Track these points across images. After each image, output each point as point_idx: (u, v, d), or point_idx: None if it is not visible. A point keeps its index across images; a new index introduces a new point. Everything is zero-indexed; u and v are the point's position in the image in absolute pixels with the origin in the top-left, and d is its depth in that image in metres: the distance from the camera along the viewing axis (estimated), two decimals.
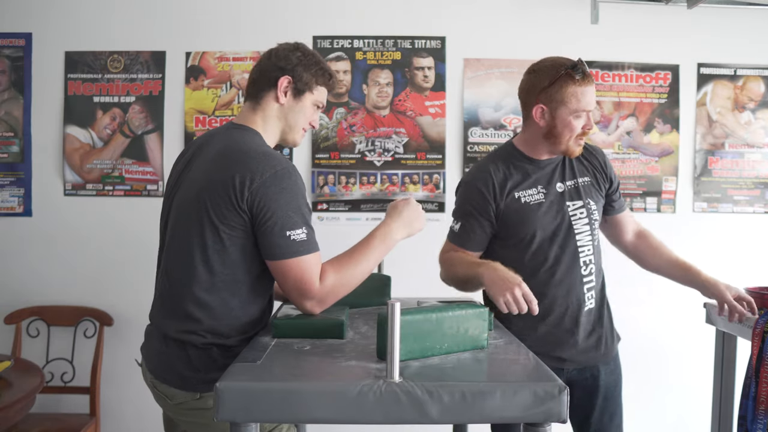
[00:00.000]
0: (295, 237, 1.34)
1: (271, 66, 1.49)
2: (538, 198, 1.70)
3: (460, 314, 1.24)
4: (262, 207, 1.34)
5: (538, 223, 1.69)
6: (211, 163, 1.42)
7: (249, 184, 1.33)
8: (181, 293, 1.41)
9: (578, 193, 1.73)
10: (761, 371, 1.84)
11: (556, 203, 1.71)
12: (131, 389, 2.81)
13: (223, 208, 1.35)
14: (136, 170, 2.87)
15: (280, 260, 1.35)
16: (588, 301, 1.74)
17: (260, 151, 1.40)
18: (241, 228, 1.36)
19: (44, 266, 2.85)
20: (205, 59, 2.86)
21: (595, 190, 1.76)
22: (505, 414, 1.03)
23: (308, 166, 2.89)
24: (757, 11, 2.92)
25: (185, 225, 1.41)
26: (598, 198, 1.77)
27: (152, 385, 1.48)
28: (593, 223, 1.73)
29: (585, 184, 1.75)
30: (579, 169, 1.76)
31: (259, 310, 1.46)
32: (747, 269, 2.85)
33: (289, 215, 1.34)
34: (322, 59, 1.54)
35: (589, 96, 1.63)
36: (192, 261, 1.39)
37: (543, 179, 1.72)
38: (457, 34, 2.89)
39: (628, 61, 2.92)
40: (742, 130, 2.96)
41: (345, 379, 1.07)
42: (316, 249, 1.38)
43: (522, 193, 1.70)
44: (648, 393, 2.91)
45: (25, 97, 2.86)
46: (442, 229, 2.88)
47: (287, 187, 1.35)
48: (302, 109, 1.51)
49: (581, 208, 1.72)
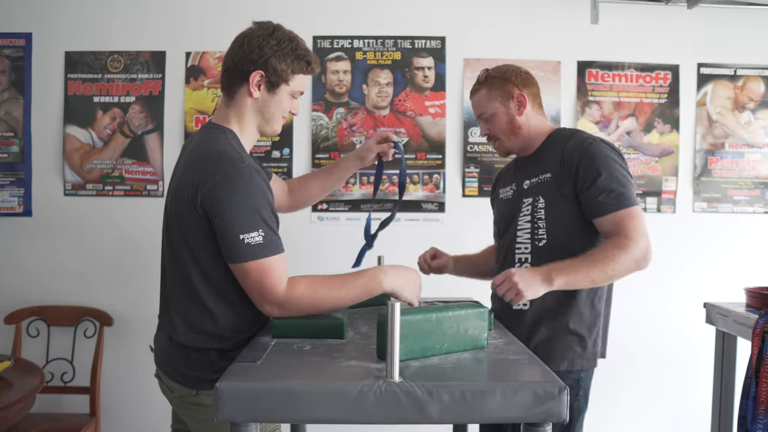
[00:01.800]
0: (249, 240, 1.30)
1: (243, 58, 1.42)
2: (506, 195, 1.81)
3: (460, 314, 1.24)
4: (213, 210, 1.31)
5: (498, 217, 1.86)
6: (181, 168, 1.43)
7: (201, 186, 1.31)
8: (175, 297, 1.44)
9: (532, 189, 1.69)
10: (761, 371, 1.84)
11: (513, 199, 1.76)
12: (131, 389, 2.82)
13: (187, 215, 1.35)
14: (136, 170, 2.87)
15: (236, 263, 1.32)
16: (518, 303, 1.58)
17: (217, 152, 1.36)
18: (204, 233, 1.34)
19: (44, 266, 2.85)
20: (205, 59, 2.86)
21: (554, 186, 1.64)
22: (505, 414, 1.03)
23: (308, 166, 2.89)
24: (757, 11, 2.92)
25: (173, 231, 1.43)
26: (557, 195, 1.63)
27: (158, 376, 1.52)
28: (537, 221, 1.65)
29: (544, 180, 1.67)
30: (547, 164, 1.68)
31: (251, 312, 1.43)
32: (747, 269, 2.85)
33: (241, 218, 1.30)
34: (300, 44, 1.46)
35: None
36: (181, 266, 1.40)
37: (517, 176, 1.79)
38: (457, 34, 2.89)
39: (628, 61, 2.92)
40: (742, 130, 2.96)
41: (345, 379, 1.07)
42: (276, 252, 1.33)
43: (501, 189, 1.85)
44: (648, 393, 2.91)
45: (25, 97, 2.86)
46: (442, 229, 2.91)
47: (240, 189, 1.31)
48: (278, 102, 1.46)
49: (528, 204, 1.69)
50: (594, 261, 1.53)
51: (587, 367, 1.65)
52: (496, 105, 1.72)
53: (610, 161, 1.59)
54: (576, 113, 2.90)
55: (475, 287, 2.05)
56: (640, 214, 1.58)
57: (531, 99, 1.74)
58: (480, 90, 1.75)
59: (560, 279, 1.51)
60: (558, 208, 1.64)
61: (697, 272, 2.91)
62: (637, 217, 1.56)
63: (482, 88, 1.75)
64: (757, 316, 1.88)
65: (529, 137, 1.74)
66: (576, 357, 1.63)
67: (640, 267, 1.55)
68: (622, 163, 1.62)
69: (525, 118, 1.73)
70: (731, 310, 2.07)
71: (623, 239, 1.53)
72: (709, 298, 2.30)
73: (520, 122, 1.72)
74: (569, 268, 1.52)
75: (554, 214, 1.64)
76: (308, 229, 2.87)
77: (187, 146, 1.51)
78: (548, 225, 1.64)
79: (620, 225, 1.56)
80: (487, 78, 1.74)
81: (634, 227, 1.54)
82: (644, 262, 1.55)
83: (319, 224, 2.89)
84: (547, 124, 1.78)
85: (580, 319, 1.64)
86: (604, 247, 1.56)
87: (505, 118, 1.72)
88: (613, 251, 1.53)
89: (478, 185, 2.89)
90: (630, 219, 1.56)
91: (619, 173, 1.59)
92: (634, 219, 1.56)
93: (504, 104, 1.72)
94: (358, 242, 1.85)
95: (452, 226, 2.86)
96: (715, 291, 2.56)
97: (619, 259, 1.52)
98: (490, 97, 1.73)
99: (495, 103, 1.72)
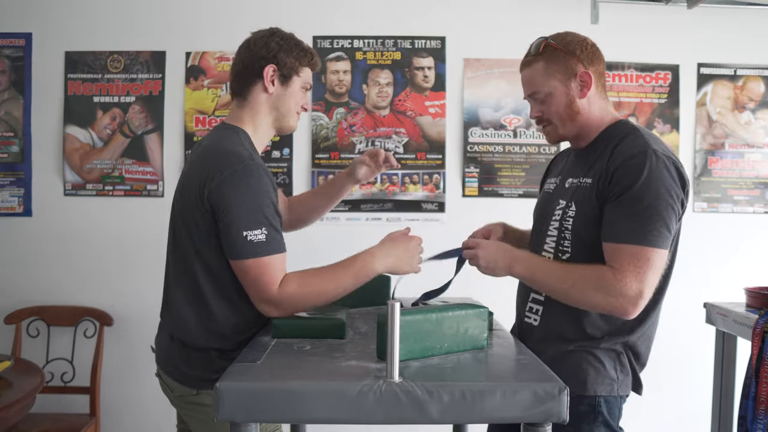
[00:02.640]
0: (252, 238, 1.32)
1: (253, 56, 1.47)
2: (548, 188, 1.57)
3: (460, 314, 1.24)
4: (219, 205, 1.32)
5: (535, 210, 1.61)
6: (190, 166, 1.45)
7: (209, 182, 1.33)
8: (178, 295, 1.44)
9: (570, 191, 1.45)
10: (761, 371, 1.84)
11: (552, 196, 1.52)
12: (131, 389, 2.82)
13: (194, 211, 1.37)
14: (136, 170, 2.87)
15: (237, 260, 1.34)
16: (529, 314, 1.49)
17: (226, 150, 1.38)
18: (210, 229, 1.36)
19: (44, 266, 2.85)
20: (205, 59, 2.86)
21: (589, 196, 1.39)
22: (505, 414, 1.03)
23: (308, 166, 2.89)
24: (757, 11, 2.92)
25: (179, 228, 1.44)
26: (589, 208, 1.38)
27: (159, 375, 1.52)
28: (564, 231, 1.42)
29: (583, 185, 1.41)
30: (593, 166, 1.42)
31: (252, 311, 1.44)
32: (747, 269, 2.85)
33: (246, 215, 1.32)
34: (300, 40, 1.52)
35: None
36: (185, 264, 1.41)
37: (567, 168, 1.54)
38: (457, 34, 2.89)
39: (628, 61, 2.92)
40: (742, 130, 2.96)
41: (345, 379, 1.07)
42: (277, 251, 1.35)
43: (549, 179, 1.62)
44: (648, 393, 2.90)
45: (25, 97, 2.86)
46: (442, 229, 2.91)
47: (247, 186, 1.33)
48: (292, 94, 1.50)
49: (560, 209, 1.45)
50: (565, 278, 1.34)
51: (607, 393, 1.39)
52: (555, 83, 1.42)
53: (651, 182, 1.29)
54: None
55: (475, 287, 2.05)
56: (654, 260, 1.28)
57: (596, 78, 1.43)
58: (535, 63, 1.44)
59: (520, 273, 1.41)
60: (588, 222, 1.38)
61: (697, 272, 2.90)
62: (645, 259, 1.28)
63: (539, 60, 1.43)
64: (757, 316, 1.88)
65: (587, 125, 1.45)
66: (590, 379, 1.38)
67: (616, 314, 1.32)
68: (673, 188, 1.30)
69: (586, 102, 1.43)
70: (731, 310, 2.07)
71: (610, 274, 1.29)
72: (709, 298, 2.30)
73: (581, 106, 1.43)
74: (536, 269, 1.39)
75: (583, 228, 1.39)
76: (308, 229, 2.85)
77: (199, 145, 1.52)
78: (574, 239, 1.40)
79: (619, 259, 1.29)
80: (546, 48, 1.43)
81: (633, 270, 1.28)
82: (624, 312, 1.30)
83: (319, 224, 2.87)
84: (610, 113, 1.48)
85: (595, 335, 1.39)
86: (587, 272, 1.32)
87: (564, 100, 1.43)
88: (588, 278, 1.31)
89: (478, 185, 2.89)
90: (634, 258, 1.28)
91: (655, 199, 1.29)
92: (640, 261, 1.28)
93: (564, 83, 1.42)
94: (358, 242, 1.84)
95: (452, 226, 2.86)
96: (715, 291, 2.56)
97: (588, 290, 1.31)
98: (547, 73, 1.42)
99: (553, 80, 1.42)
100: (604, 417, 1.40)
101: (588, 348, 1.40)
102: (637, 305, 1.30)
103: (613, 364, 1.40)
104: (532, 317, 1.48)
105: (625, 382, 1.42)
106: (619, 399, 1.42)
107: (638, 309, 1.31)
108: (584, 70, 1.42)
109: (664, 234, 1.29)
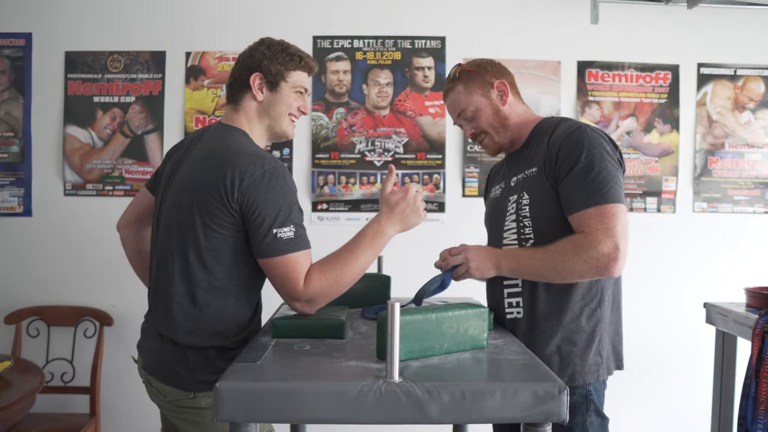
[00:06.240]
0: (281, 235, 1.35)
1: (241, 68, 1.53)
2: (495, 194, 1.69)
3: (459, 314, 1.24)
4: (251, 205, 1.35)
5: (486, 218, 1.73)
6: (200, 163, 1.43)
7: (239, 183, 1.35)
8: (176, 293, 1.42)
9: (518, 185, 1.54)
10: (761, 371, 1.84)
11: (501, 198, 1.62)
12: (131, 389, 2.81)
13: (214, 208, 1.37)
14: (136, 170, 2.87)
15: (267, 258, 1.37)
16: (510, 309, 1.53)
17: (250, 151, 1.42)
18: (232, 227, 1.37)
19: (44, 266, 2.86)
20: (205, 59, 2.86)
21: (539, 181, 1.48)
22: (505, 414, 1.03)
23: (308, 166, 2.89)
24: (757, 11, 2.92)
25: (178, 224, 1.42)
26: (542, 191, 1.47)
27: (146, 381, 1.49)
28: (522, 220, 1.49)
29: (530, 175, 1.51)
30: (534, 158, 1.53)
31: (252, 309, 1.47)
32: (747, 269, 2.86)
33: (276, 213, 1.36)
34: (289, 45, 1.55)
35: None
36: (186, 260, 1.40)
37: (506, 173, 1.65)
38: (457, 34, 2.89)
39: (628, 61, 2.92)
40: (742, 130, 2.96)
41: (345, 379, 1.07)
42: (304, 247, 1.39)
43: (492, 189, 1.74)
44: (648, 393, 2.91)
45: (25, 97, 2.86)
46: (442, 229, 2.91)
47: (276, 186, 1.37)
48: (282, 99, 1.52)
49: (513, 202, 1.53)
50: (546, 257, 1.40)
51: (592, 380, 1.46)
52: (477, 98, 1.59)
53: (593, 150, 1.40)
54: (576, 113, 2.90)
55: (475, 287, 2.05)
56: (618, 213, 1.37)
57: (511, 87, 1.61)
58: (456, 87, 1.61)
59: (508, 267, 1.47)
60: (544, 204, 1.46)
61: (697, 272, 2.91)
62: (609, 215, 1.36)
63: (458, 84, 1.61)
64: (757, 316, 1.88)
65: (517, 129, 1.59)
66: (576, 370, 1.45)
67: (601, 273, 1.37)
68: (611, 152, 1.43)
69: (509, 108, 1.59)
70: (731, 310, 2.07)
71: (582, 238, 1.37)
72: (709, 298, 2.30)
73: (506, 112, 1.59)
74: (519, 258, 1.45)
75: (540, 211, 1.47)
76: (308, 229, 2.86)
77: (197, 142, 1.51)
78: (534, 223, 1.48)
79: (586, 223, 1.37)
80: (461, 73, 1.61)
81: (601, 227, 1.35)
82: (608, 269, 1.36)
83: (319, 224, 2.89)
84: (533, 114, 1.64)
85: (577, 328, 1.46)
86: (562, 243, 1.39)
87: (490, 110, 1.58)
88: (565, 249, 1.38)
89: (478, 185, 2.89)
90: (599, 217, 1.36)
91: (601, 164, 1.39)
92: (605, 217, 1.36)
93: (485, 96, 1.58)
94: None
95: (452, 226, 2.86)
96: (715, 291, 2.56)
97: (569, 259, 1.37)
98: (469, 91, 1.59)
99: (475, 96, 1.59)
100: (595, 405, 1.48)
101: (571, 339, 1.47)
102: (617, 259, 1.36)
103: (594, 351, 1.48)
104: (514, 311, 1.53)
105: (607, 364, 1.50)
106: (604, 384, 1.51)
107: (620, 263, 1.37)
108: (498, 80, 1.59)
109: (618, 191, 1.40)
